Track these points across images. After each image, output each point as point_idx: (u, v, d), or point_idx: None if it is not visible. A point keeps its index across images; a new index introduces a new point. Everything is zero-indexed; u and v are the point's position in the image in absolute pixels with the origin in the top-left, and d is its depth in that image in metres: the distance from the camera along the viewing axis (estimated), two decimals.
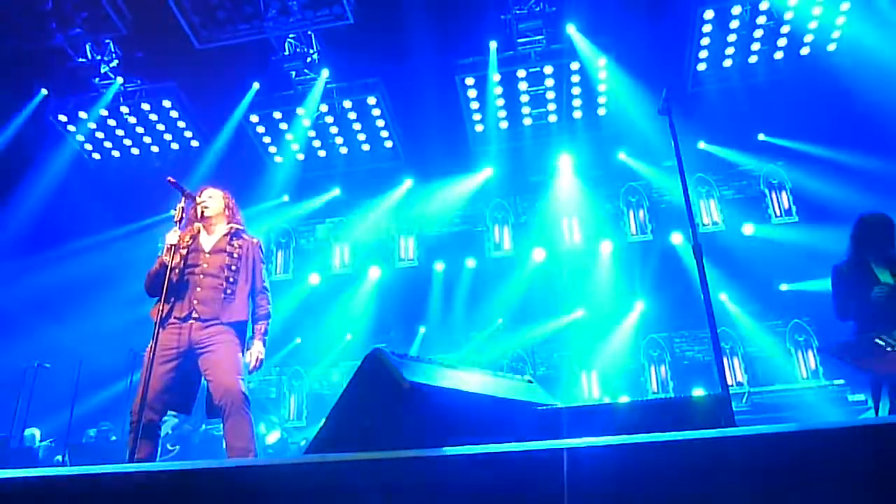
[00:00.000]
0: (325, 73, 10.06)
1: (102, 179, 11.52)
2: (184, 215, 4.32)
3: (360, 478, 1.87)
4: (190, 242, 4.35)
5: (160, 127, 11.07)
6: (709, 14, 9.25)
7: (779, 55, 9.75)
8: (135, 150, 11.44)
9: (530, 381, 3.85)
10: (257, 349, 4.35)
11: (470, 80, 9.89)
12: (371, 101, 10.29)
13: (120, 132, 11.19)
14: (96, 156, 11.49)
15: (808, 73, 9.77)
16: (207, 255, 4.35)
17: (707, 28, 9.40)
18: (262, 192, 11.39)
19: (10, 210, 10.71)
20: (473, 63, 9.80)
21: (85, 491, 2.13)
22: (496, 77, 9.74)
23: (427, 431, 2.76)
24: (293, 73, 10.10)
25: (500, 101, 10.17)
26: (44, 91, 10.65)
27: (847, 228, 5.24)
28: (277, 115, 10.49)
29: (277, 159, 11.21)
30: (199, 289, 4.22)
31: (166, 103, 10.72)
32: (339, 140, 10.98)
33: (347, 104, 10.36)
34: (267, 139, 10.95)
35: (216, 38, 9.39)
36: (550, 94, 10.08)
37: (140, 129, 11.12)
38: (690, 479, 1.69)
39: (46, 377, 8.76)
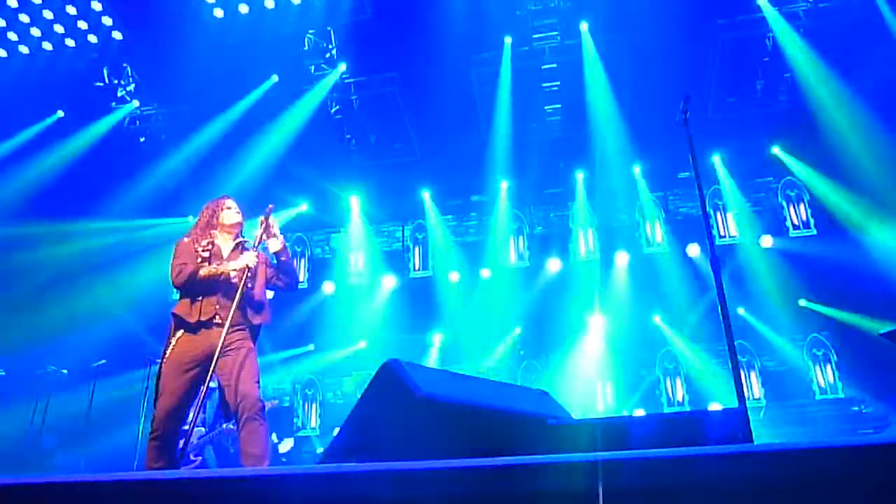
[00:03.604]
0: (342, 66, 10.15)
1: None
2: (263, 238, 4.39)
3: (375, 488, 1.86)
4: (210, 247, 4.35)
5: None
6: (731, 42, 9.29)
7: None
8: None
9: (544, 393, 3.83)
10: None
11: (485, 76, 9.90)
12: (388, 95, 10.32)
13: None
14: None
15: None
16: (225, 262, 4.35)
17: (729, 56, 9.43)
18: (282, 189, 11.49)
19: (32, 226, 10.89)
20: (489, 58, 9.84)
21: (98, 497, 2.14)
22: (511, 72, 9.74)
23: (441, 442, 2.75)
24: (312, 67, 10.19)
25: (515, 97, 10.13)
26: (60, 112, 10.83)
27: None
28: (295, 108, 10.49)
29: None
30: (220, 294, 4.21)
31: (180, 126, 10.90)
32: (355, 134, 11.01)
33: (364, 98, 10.41)
34: None
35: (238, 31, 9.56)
36: (565, 90, 10.05)
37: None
38: (708, 496, 1.67)
39: (63, 383, 8.83)
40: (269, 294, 4.58)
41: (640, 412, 9.65)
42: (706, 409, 8.96)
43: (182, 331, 4.11)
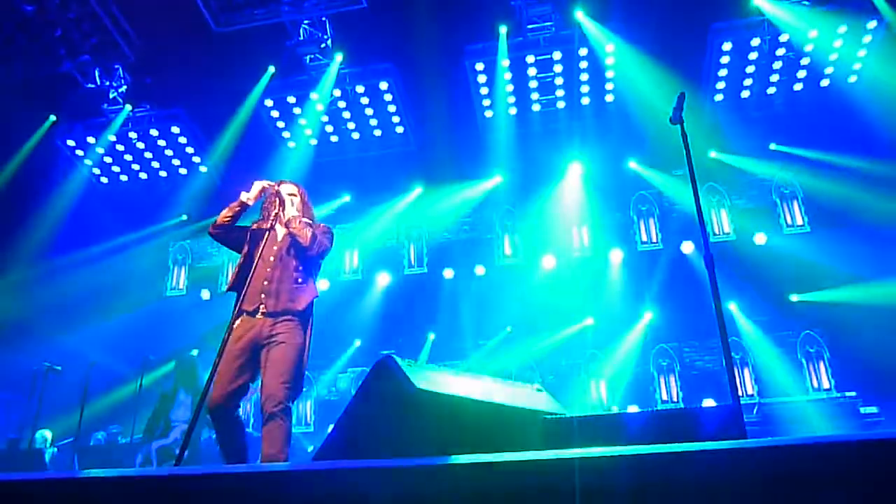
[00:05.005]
0: (338, 57, 10.10)
1: (110, 201, 11.83)
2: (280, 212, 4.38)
3: (369, 485, 1.86)
4: (269, 232, 4.31)
5: (168, 152, 11.36)
6: (726, 46, 9.39)
7: (798, 87, 9.91)
8: (143, 175, 11.79)
9: (539, 390, 3.83)
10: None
11: (480, 66, 9.90)
12: (383, 86, 10.34)
13: (128, 157, 11.48)
14: (104, 180, 11.81)
15: (828, 104, 9.88)
16: (275, 248, 4.34)
17: (725, 59, 9.56)
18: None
19: (23, 228, 10.91)
20: (484, 48, 9.83)
21: (90, 494, 2.14)
22: (505, 63, 9.76)
23: (436, 438, 2.76)
24: (308, 57, 10.14)
25: (510, 87, 10.19)
26: (53, 117, 10.91)
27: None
28: (291, 99, 10.52)
29: (290, 144, 11.23)
30: (266, 282, 4.19)
31: (175, 129, 10.98)
32: (351, 125, 11.02)
33: (360, 89, 10.40)
34: (281, 124, 10.97)
35: (233, 22, 9.57)
36: (559, 80, 10.08)
37: (148, 154, 11.41)
38: (702, 492, 1.67)
39: (57, 380, 8.80)
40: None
41: (633, 408, 9.67)
42: (700, 406, 8.99)
43: (236, 320, 4.14)
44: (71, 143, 11.11)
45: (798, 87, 9.90)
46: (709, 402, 9.21)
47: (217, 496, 2.00)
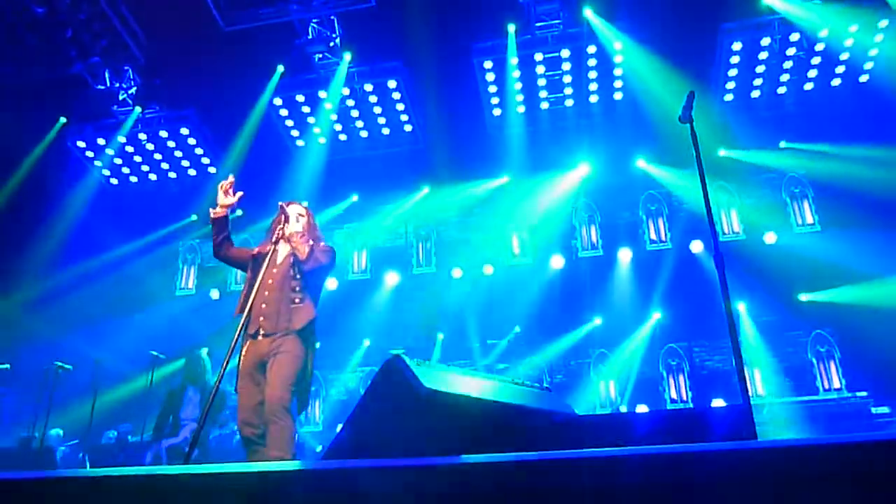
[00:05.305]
0: (347, 56, 10.12)
1: (121, 202, 11.95)
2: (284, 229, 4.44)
3: (378, 484, 1.86)
4: (271, 254, 4.35)
5: (178, 153, 11.46)
6: (736, 45, 9.40)
7: (809, 86, 9.90)
8: (152, 176, 11.90)
9: (548, 389, 3.83)
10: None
11: (488, 64, 9.93)
12: (391, 84, 10.38)
13: (138, 158, 11.59)
14: (114, 181, 11.94)
15: (839, 102, 9.85)
16: (275, 271, 4.41)
17: (735, 59, 9.57)
18: (284, 180, 11.37)
19: (34, 230, 10.99)
20: (492, 46, 9.86)
21: (100, 492, 2.15)
22: (514, 61, 9.78)
23: (444, 438, 2.75)
24: (317, 56, 10.18)
25: (518, 85, 10.21)
26: (63, 119, 11.01)
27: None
28: (300, 98, 10.59)
29: (299, 143, 11.29)
30: (264, 305, 4.30)
31: (184, 130, 11.07)
32: (359, 124, 11.07)
33: (368, 87, 10.45)
34: (290, 122, 11.04)
35: (242, 21, 9.63)
36: (567, 78, 10.11)
37: (158, 156, 11.52)
38: (712, 492, 1.67)
39: (67, 379, 8.85)
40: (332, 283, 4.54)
41: (642, 408, 9.64)
42: (710, 406, 8.95)
43: (243, 345, 4.30)
44: (81, 144, 11.22)
45: (809, 86, 9.90)
46: (718, 403, 9.17)
47: (226, 495, 2.01)
